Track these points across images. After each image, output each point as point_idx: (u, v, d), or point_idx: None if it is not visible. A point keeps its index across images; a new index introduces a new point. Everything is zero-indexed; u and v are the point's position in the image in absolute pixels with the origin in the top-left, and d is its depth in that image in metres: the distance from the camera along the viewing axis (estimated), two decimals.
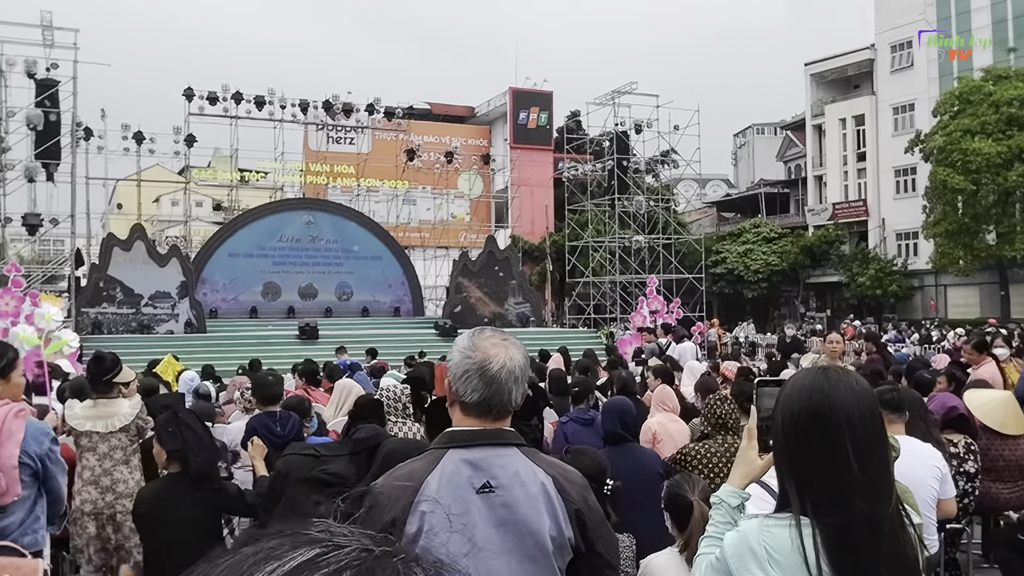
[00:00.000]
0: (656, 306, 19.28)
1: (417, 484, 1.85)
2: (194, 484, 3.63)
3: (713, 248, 36.04)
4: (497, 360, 1.88)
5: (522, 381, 1.93)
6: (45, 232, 21.98)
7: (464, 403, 1.91)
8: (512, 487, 1.84)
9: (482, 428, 1.90)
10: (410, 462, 2.00)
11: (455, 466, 1.86)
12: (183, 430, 3.57)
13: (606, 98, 28.95)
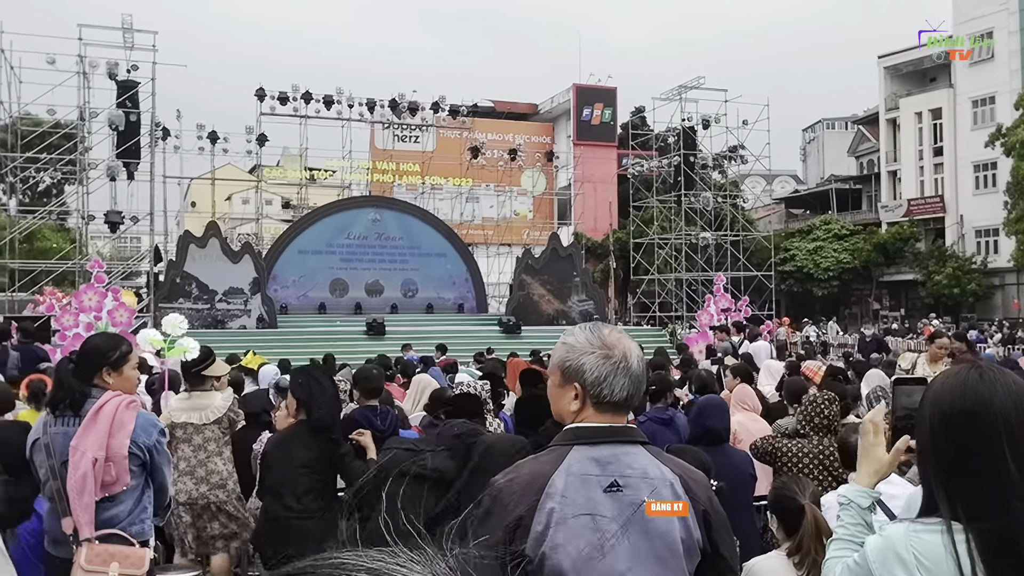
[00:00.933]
0: (725, 304, 18.97)
1: (542, 483, 1.82)
2: (314, 432, 3.97)
3: (782, 245, 35.30)
4: (633, 356, 1.86)
5: (646, 375, 1.94)
6: (126, 229, 22.77)
7: (606, 403, 1.85)
8: (640, 486, 1.80)
9: (608, 425, 1.86)
10: (531, 460, 1.96)
11: (581, 464, 1.82)
12: (311, 382, 3.85)
13: (672, 93, 28.58)
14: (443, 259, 26.26)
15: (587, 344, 1.89)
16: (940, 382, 1.67)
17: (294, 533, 4.03)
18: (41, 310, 17.62)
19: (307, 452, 3.99)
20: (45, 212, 24.48)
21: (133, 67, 21.13)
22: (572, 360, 1.88)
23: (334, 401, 4.16)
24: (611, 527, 1.76)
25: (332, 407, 4.10)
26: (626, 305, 32.83)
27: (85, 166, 21.76)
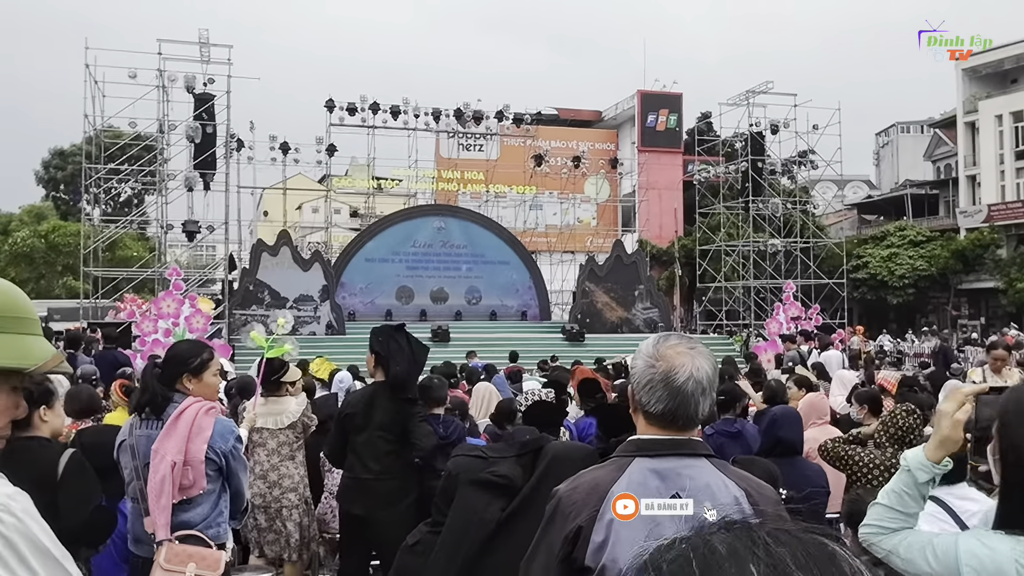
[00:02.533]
0: (795, 312, 18.55)
1: (603, 492, 1.83)
2: (392, 391, 4.16)
3: (854, 252, 34.33)
4: (683, 370, 1.82)
5: (710, 392, 1.87)
6: (202, 238, 23.54)
7: (648, 412, 1.88)
8: (703, 500, 1.79)
9: (671, 437, 1.86)
10: (593, 469, 1.98)
11: (642, 475, 1.83)
12: (390, 341, 4.00)
13: (740, 98, 28.12)
14: (506, 267, 26.37)
15: (644, 351, 1.91)
16: (1019, 391, 1.63)
17: (373, 493, 4.21)
18: (122, 316, 18.36)
19: (385, 415, 4.12)
20: (126, 222, 25.43)
21: (209, 80, 21.85)
22: (631, 365, 1.93)
23: (412, 360, 4.28)
24: None
25: (409, 366, 4.23)
26: (692, 313, 32.38)
27: (164, 177, 22.56)
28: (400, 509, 4.25)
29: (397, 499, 4.30)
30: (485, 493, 2.82)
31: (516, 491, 2.82)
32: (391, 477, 4.32)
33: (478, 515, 2.76)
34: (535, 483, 2.77)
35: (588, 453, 2.91)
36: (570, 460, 2.80)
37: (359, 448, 4.38)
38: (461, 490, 2.85)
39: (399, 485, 4.34)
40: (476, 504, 2.79)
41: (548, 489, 2.57)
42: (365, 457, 4.35)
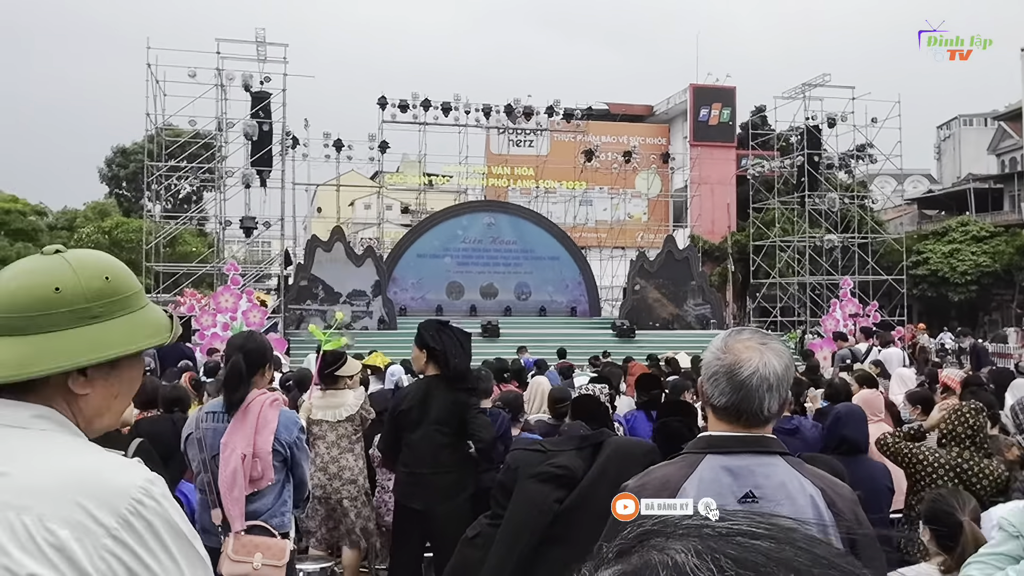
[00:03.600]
0: (852, 309, 18.14)
1: (673, 489, 1.81)
2: (450, 383, 4.22)
3: (914, 248, 33.41)
4: (749, 365, 1.80)
5: (777, 389, 1.83)
6: (258, 234, 24.01)
7: (713, 406, 1.87)
8: (778, 499, 1.76)
9: (743, 435, 1.84)
10: (663, 465, 1.96)
11: (714, 473, 1.81)
12: (442, 335, 4.00)
13: (795, 91, 27.57)
14: (556, 262, 26.33)
15: (714, 344, 1.90)
16: None
17: (431, 488, 4.25)
18: (182, 311, 18.84)
19: (442, 409, 4.16)
20: (186, 218, 26.08)
21: (266, 79, 22.24)
22: (703, 360, 1.92)
23: (466, 355, 4.33)
24: None
25: (465, 360, 4.28)
26: (745, 309, 31.92)
27: (222, 174, 23.06)
28: (458, 503, 4.28)
29: (455, 492, 4.34)
30: (545, 486, 2.82)
31: (576, 483, 2.82)
32: (448, 471, 4.35)
33: (537, 507, 2.77)
34: (595, 476, 2.77)
35: (649, 449, 2.90)
36: (631, 455, 2.79)
37: (416, 443, 4.41)
38: (521, 483, 2.86)
39: (456, 479, 4.37)
40: (535, 497, 2.80)
41: (607, 482, 2.57)
42: (422, 452, 4.38)
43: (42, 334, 1.26)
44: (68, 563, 1.13)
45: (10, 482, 1.17)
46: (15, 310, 1.25)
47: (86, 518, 1.15)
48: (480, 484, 4.39)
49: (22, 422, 1.24)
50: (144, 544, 1.17)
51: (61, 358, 1.27)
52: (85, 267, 1.32)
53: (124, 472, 1.24)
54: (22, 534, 1.13)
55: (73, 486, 1.17)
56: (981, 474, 3.92)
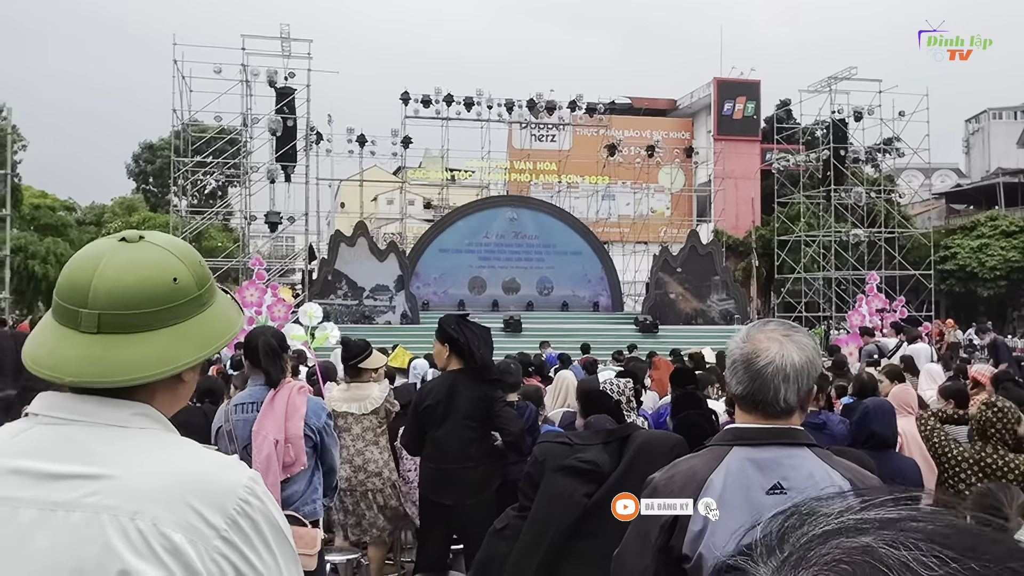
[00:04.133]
0: (879, 304, 17.96)
1: (700, 481, 1.81)
2: (475, 376, 4.25)
3: (942, 243, 32.99)
4: (766, 355, 1.80)
5: (795, 381, 1.81)
6: (283, 229, 24.21)
7: (735, 395, 1.88)
8: (806, 490, 1.76)
9: (769, 426, 1.84)
10: (689, 458, 1.97)
11: (741, 464, 1.81)
12: (465, 329, 4.03)
13: (821, 85, 27.28)
14: (579, 257, 26.27)
15: (738, 334, 1.91)
16: None
17: (461, 482, 4.27)
18: None
19: (469, 403, 4.18)
20: (212, 213, 26.35)
21: (290, 74, 22.40)
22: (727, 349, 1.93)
23: (489, 346, 4.36)
24: None
25: (489, 350, 4.30)
26: (769, 305, 31.69)
27: (247, 169, 23.27)
28: (486, 496, 4.30)
29: (484, 486, 4.35)
30: (572, 479, 2.84)
31: (603, 477, 2.83)
32: (477, 465, 4.35)
33: (564, 500, 2.79)
34: (623, 470, 2.78)
35: (676, 442, 2.90)
36: (658, 449, 2.80)
37: (442, 439, 4.40)
38: (548, 476, 2.88)
39: (485, 472, 4.39)
40: (562, 490, 2.81)
41: (636, 477, 2.58)
42: (450, 447, 4.37)
43: (169, 327, 1.23)
44: (183, 567, 1.12)
45: (120, 485, 1.15)
46: (139, 306, 1.21)
47: (197, 520, 1.14)
48: (508, 476, 4.40)
49: (123, 421, 1.21)
50: (250, 544, 1.17)
51: (193, 349, 1.25)
52: (186, 253, 1.30)
53: (230, 471, 1.23)
54: (137, 539, 1.12)
55: (183, 487, 1.16)
56: (1006, 467, 3.90)
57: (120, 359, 1.19)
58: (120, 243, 1.25)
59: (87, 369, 1.18)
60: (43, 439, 1.19)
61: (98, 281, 1.20)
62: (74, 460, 1.17)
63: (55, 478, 1.15)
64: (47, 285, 33.54)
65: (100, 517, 1.13)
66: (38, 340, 1.24)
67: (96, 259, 1.23)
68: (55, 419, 1.21)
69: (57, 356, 1.20)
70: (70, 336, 1.20)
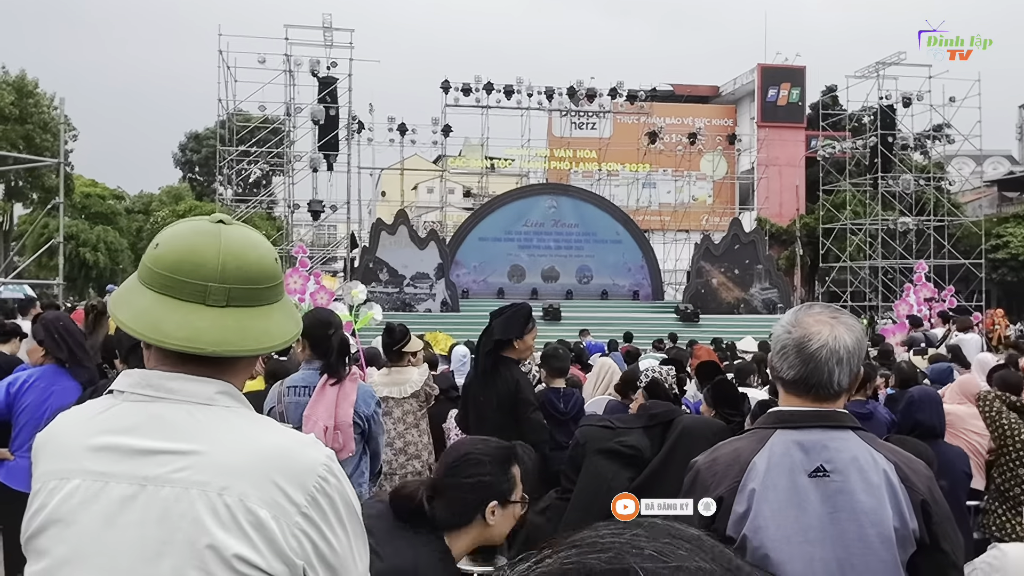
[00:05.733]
0: (927, 293, 17.59)
1: (744, 464, 1.81)
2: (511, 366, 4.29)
3: (993, 231, 32.13)
4: (819, 338, 1.79)
5: (848, 363, 1.81)
6: (325, 218, 24.49)
7: (783, 380, 1.86)
8: (849, 473, 1.75)
9: (813, 409, 1.83)
10: (732, 440, 1.97)
11: (785, 447, 1.80)
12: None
13: (868, 70, 26.66)
14: (618, 245, 26.15)
15: (784, 319, 1.90)
16: None
17: None
18: None
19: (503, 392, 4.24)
20: (256, 202, 26.75)
21: (332, 64, 22.59)
22: (772, 335, 1.91)
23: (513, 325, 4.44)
24: (817, 512, 1.74)
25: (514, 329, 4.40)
26: (814, 294, 31.22)
27: (290, 158, 23.57)
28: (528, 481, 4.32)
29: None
30: (613, 463, 2.85)
31: (644, 462, 2.85)
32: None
33: (606, 483, 2.80)
34: (665, 455, 2.79)
35: (719, 428, 2.90)
36: (701, 435, 2.79)
37: (477, 423, 4.48)
38: (589, 458, 2.90)
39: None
40: (604, 473, 2.83)
41: (678, 461, 2.58)
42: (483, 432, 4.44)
43: (277, 303, 1.30)
44: (267, 542, 1.17)
45: (208, 460, 1.19)
46: (262, 281, 1.27)
47: (281, 496, 1.19)
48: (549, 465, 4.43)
49: (208, 398, 1.25)
50: (327, 520, 1.22)
51: (294, 324, 1.32)
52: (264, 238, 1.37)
53: (310, 450, 1.27)
54: (224, 514, 1.16)
55: (267, 464, 1.20)
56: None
57: (255, 329, 1.24)
58: (219, 224, 1.28)
59: (226, 337, 1.22)
60: (130, 415, 1.23)
61: (225, 257, 1.24)
62: (162, 436, 1.20)
63: (144, 453, 1.19)
64: (97, 272, 34.47)
65: (189, 492, 1.17)
66: (153, 314, 1.23)
67: (214, 237, 1.26)
68: (142, 396, 1.24)
69: (190, 328, 1.21)
70: (196, 310, 1.22)
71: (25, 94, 30.92)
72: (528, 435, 4.31)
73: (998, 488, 4.16)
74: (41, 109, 31.60)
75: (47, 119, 31.27)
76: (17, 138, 29.73)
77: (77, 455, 1.21)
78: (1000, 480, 4.16)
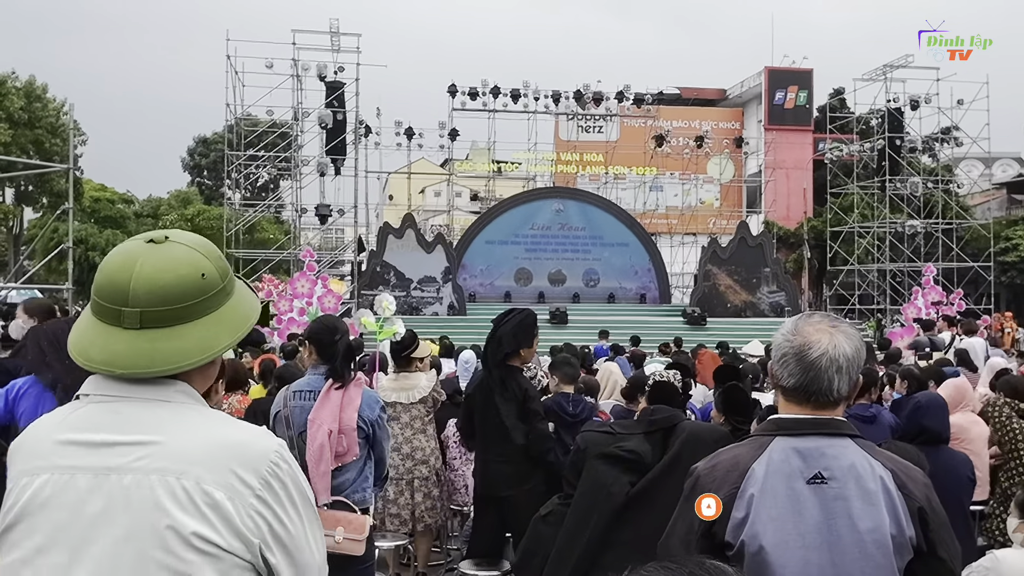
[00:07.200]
0: (936, 297, 17.54)
1: (743, 470, 1.83)
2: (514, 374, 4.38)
3: (1002, 234, 31.98)
4: (819, 346, 1.81)
5: (847, 371, 1.83)
6: (333, 221, 24.56)
7: (783, 388, 1.88)
8: (847, 480, 1.77)
9: (812, 416, 1.85)
10: (733, 447, 1.99)
11: (783, 454, 1.82)
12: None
13: (876, 73, 26.62)
14: (625, 249, 26.13)
15: (784, 327, 1.92)
16: None
17: (496, 473, 4.34)
18: (261, 296, 19.38)
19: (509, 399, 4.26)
20: (264, 206, 26.85)
21: (340, 68, 22.68)
22: (772, 343, 1.94)
23: (522, 332, 4.48)
24: (815, 518, 1.76)
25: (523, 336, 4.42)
26: (821, 297, 31.13)
27: (298, 162, 23.66)
28: (532, 487, 4.34)
29: (521, 480, 4.38)
30: (613, 468, 2.87)
31: (645, 467, 2.86)
32: (513, 458, 4.39)
33: (606, 488, 2.82)
34: (668, 461, 2.80)
35: (721, 435, 2.91)
36: (703, 441, 2.81)
37: (483, 430, 4.52)
38: (589, 463, 2.92)
39: (522, 465, 4.42)
40: (604, 478, 2.85)
41: (681, 467, 2.60)
42: (489, 439, 4.47)
43: (203, 318, 1.36)
44: (224, 521, 1.26)
45: (165, 449, 1.29)
46: (175, 301, 1.33)
47: (235, 480, 1.28)
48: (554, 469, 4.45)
49: (166, 396, 1.35)
50: (280, 502, 1.32)
51: (226, 335, 1.39)
52: (209, 249, 1.42)
53: (262, 439, 1.37)
54: (182, 496, 1.26)
55: (222, 452, 1.30)
56: None
57: (165, 350, 1.33)
58: (149, 244, 1.37)
59: (137, 361, 1.32)
60: (94, 414, 1.33)
61: (136, 281, 1.32)
62: (124, 430, 1.31)
63: (107, 445, 1.29)
64: None
65: (149, 478, 1.27)
66: (86, 338, 1.35)
67: (131, 260, 1.35)
68: (105, 397, 1.34)
69: (108, 352, 1.32)
70: (115, 333, 1.33)
71: (35, 99, 31.12)
72: (534, 445, 4.33)
73: (1004, 493, 4.16)
74: (50, 114, 31.80)
75: (56, 124, 31.47)
76: (27, 143, 29.93)
77: (46, 453, 1.31)
78: (1007, 485, 4.16)
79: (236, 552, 1.27)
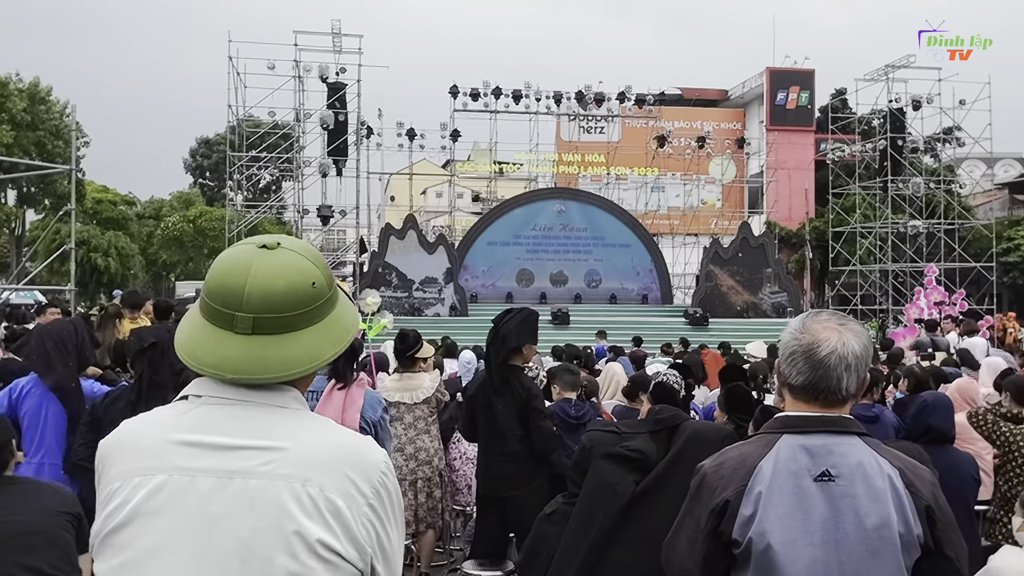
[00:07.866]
0: (938, 297, 17.52)
1: (751, 467, 1.83)
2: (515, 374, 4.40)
3: (1004, 234, 31.96)
4: (827, 344, 1.81)
5: (856, 369, 1.83)
6: (335, 222, 24.58)
7: (791, 386, 1.88)
8: (854, 478, 1.77)
9: (820, 414, 1.85)
10: (739, 445, 1.98)
11: (791, 452, 1.82)
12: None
13: (878, 73, 26.61)
14: (627, 249, 26.13)
15: (791, 325, 1.91)
16: None
17: (498, 473, 4.33)
18: None
19: (510, 400, 4.26)
20: (266, 207, 26.87)
21: (341, 70, 22.71)
22: (780, 342, 1.93)
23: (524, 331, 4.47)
24: (822, 515, 1.75)
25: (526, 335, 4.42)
26: (824, 297, 31.12)
27: (300, 164, 23.69)
28: (535, 487, 4.35)
29: (523, 480, 4.39)
30: (618, 467, 2.87)
31: (650, 466, 2.86)
32: (515, 458, 4.41)
33: (611, 487, 2.82)
34: (672, 459, 2.80)
35: (726, 434, 2.91)
36: (708, 440, 2.81)
37: (485, 430, 4.52)
38: (595, 463, 2.92)
39: (524, 466, 4.43)
40: (609, 477, 2.85)
41: (685, 466, 2.60)
42: (491, 439, 4.48)
43: (312, 327, 1.37)
44: (344, 529, 1.28)
45: (291, 455, 1.29)
46: (288, 309, 1.33)
47: (352, 488, 1.30)
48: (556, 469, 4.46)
49: (284, 403, 1.35)
50: (387, 512, 1.34)
51: (330, 345, 1.39)
52: (317, 258, 1.43)
53: (373, 448, 1.39)
54: (307, 503, 1.26)
55: (342, 460, 1.31)
56: None
57: (277, 357, 1.33)
58: (262, 250, 1.37)
59: (251, 367, 1.32)
60: (211, 416, 1.33)
61: (251, 287, 1.32)
62: (248, 435, 1.30)
63: (231, 449, 1.29)
64: (109, 277, 34.67)
65: (276, 484, 1.27)
66: (193, 340, 1.35)
67: (246, 266, 1.34)
68: (222, 400, 1.34)
69: (217, 355, 1.32)
70: (226, 337, 1.33)
71: (37, 101, 31.17)
72: (538, 443, 4.33)
73: (1004, 496, 4.15)
74: (53, 116, 31.85)
75: (59, 126, 31.52)
76: (29, 144, 29.97)
77: (162, 453, 1.30)
78: (1006, 488, 4.16)
79: (352, 560, 1.28)
